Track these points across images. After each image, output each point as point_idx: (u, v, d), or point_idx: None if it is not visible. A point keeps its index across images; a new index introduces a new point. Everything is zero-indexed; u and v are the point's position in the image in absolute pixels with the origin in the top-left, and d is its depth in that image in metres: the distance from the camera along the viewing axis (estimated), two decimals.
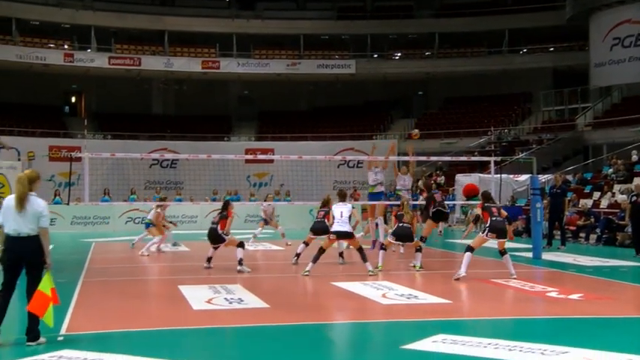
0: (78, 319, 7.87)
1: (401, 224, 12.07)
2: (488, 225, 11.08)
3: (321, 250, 11.68)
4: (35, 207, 6.64)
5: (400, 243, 12.52)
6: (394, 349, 6.53)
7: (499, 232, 11.02)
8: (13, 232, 6.60)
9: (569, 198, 19.39)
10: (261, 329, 7.61)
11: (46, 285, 6.54)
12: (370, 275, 11.26)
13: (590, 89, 34.72)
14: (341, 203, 12.24)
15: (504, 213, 11.31)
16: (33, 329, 6.56)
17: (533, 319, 8.37)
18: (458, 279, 10.75)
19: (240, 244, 12.26)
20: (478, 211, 11.43)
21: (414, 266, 12.31)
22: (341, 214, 11.91)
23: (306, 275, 11.37)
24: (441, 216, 13.85)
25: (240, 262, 12.05)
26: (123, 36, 38.77)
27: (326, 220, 12.68)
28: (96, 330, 7.34)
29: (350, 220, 12.04)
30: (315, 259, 11.57)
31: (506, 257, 11.19)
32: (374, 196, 15.93)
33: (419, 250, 12.34)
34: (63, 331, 7.15)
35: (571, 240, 18.95)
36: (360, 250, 11.77)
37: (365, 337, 7.33)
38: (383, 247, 12.53)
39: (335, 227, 11.93)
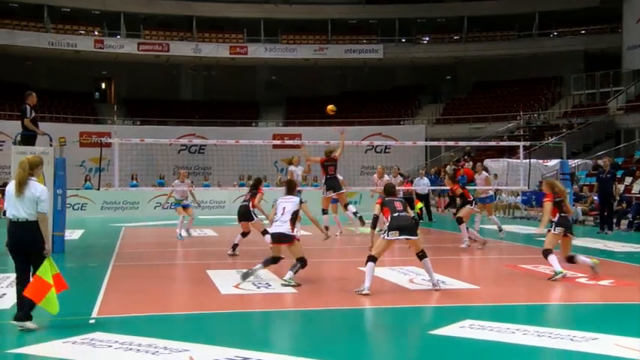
0: (109, 302, 8.00)
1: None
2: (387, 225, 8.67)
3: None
4: (33, 192, 6.53)
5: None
6: (422, 334, 6.53)
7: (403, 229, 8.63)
8: (12, 216, 6.56)
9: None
10: (289, 314, 7.66)
11: (45, 271, 6.45)
12: (284, 284, 9.03)
13: (623, 72, 34.07)
14: (287, 196, 9.70)
15: (411, 212, 9.26)
16: (22, 309, 6.51)
17: (562, 305, 8.30)
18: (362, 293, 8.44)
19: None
20: (376, 210, 9.00)
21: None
22: (283, 210, 9.41)
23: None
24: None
25: None
26: (152, 22, 39.02)
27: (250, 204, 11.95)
28: (126, 313, 7.46)
29: (293, 217, 9.42)
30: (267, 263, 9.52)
31: (425, 261, 8.77)
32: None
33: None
34: (94, 314, 7.28)
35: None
36: (300, 260, 9.29)
37: (393, 322, 7.34)
38: (548, 252, 9.65)
39: (273, 228, 9.46)
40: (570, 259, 9.68)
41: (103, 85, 42.43)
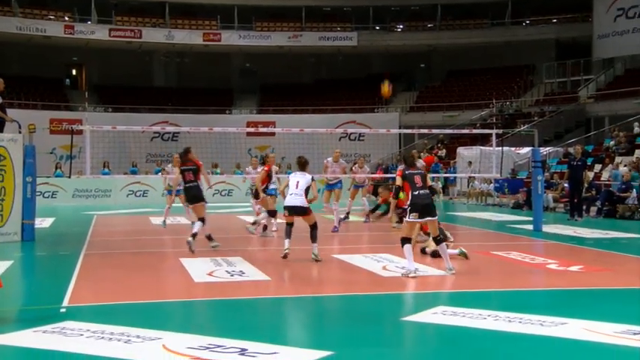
0: (80, 291, 7.91)
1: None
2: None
3: (290, 225, 10.27)
4: None
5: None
6: (395, 320, 6.58)
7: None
8: None
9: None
10: (262, 301, 7.66)
11: None
12: (315, 260, 9.89)
13: (593, 61, 34.51)
14: (299, 172, 10.35)
15: (430, 182, 9.17)
16: None
17: (532, 290, 8.42)
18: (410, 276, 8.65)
19: (273, 212, 13.06)
20: (399, 181, 8.93)
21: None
22: (297, 185, 10.11)
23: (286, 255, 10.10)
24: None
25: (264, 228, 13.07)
26: (123, 8, 38.49)
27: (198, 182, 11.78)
28: (98, 302, 7.39)
29: (307, 193, 10.18)
30: (288, 234, 10.19)
31: (441, 246, 8.92)
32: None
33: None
34: (65, 302, 7.20)
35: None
36: (314, 227, 10.10)
37: (365, 309, 7.37)
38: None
39: (288, 201, 10.12)
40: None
41: (74, 72, 41.79)
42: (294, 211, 10.09)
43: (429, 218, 8.70)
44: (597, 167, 22.76)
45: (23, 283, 9.29)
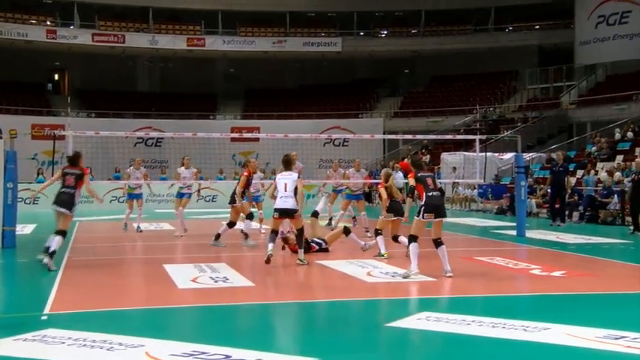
0: (62, 298, 7.83)
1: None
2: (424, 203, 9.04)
3: (274, 232, 10.39)
4: None
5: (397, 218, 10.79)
6: (379, 326, 6.57)
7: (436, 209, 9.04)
8: None
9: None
10: (246, 307, 7.63)
11: None
12: (301, 264, 10.09)
13: (575, 67, 34.84)
14: (285, 172, 10.30)
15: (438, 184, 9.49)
16: None
17: (516, 296, 8.45)
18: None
19: (250, 216, 12.72)
20: (412, 182, 9.22)
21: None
22: (285, 187, 10.05)
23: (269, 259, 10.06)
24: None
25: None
26: (107, 12, 38.28)
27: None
28: (80, 309, 7.31)
29: (295, 193, 10.14)
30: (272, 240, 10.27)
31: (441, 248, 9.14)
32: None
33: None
34: (47, 310, 7.11)
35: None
36: (301, 232, 10.26)
37: (350, 314, 7.37)
38: (378, 232, 10.93)
39: (278, 203, 10.11)
40: (395, 239, 10.87)
41: (57, 76, 41.51)
42: (284, 213, 10.12)
43: (442, 217, 9.04)
44: (580, 173, 22.94)
45: (3, 290, 9.18)
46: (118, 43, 36.77)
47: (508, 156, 26.07)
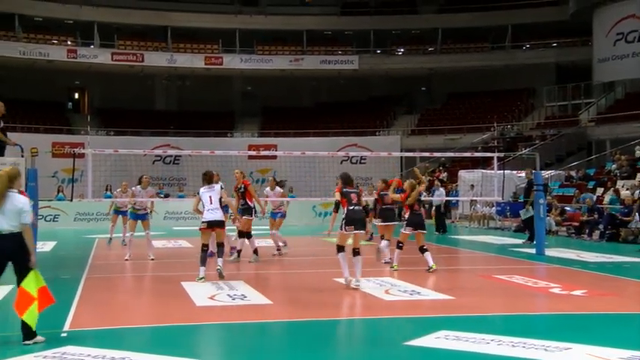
0: (81, 315, 7.88)
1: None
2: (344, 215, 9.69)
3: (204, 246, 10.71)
4: (15, 203, 6.45)
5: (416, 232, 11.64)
6: (397, 345, 6.53)
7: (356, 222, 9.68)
8: None
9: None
10: (264, 325, 7.62)
11: (30, 283, 6.31)
12: (220, 274, 10.39)
13: (594, 85, 34.65)
14: (207, 187, 10.75)
15: (363, 202, 10.08)
16: (24, 327, 6.38)
17: (536, 315, 8.36)
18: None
19: (242, 234, 12.91)
20: (338, 196, 9.79)
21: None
22: (210, 200, 10.56)
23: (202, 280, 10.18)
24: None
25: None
26: (126, 32, 38.78)
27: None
28: (99, 326, 7.35)
29: (221, 204, 10.73)
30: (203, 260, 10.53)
31: (357, 258, 9.71)
32: None
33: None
34: (66, 327, 7.16)
35: (574, 236, 18.95)
36: (221, 244, 10.77)
37: (368, 333, 7.33)
38: (399, 246, 11.68)
39: (207, 216, 10.52)
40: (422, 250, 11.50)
41: (77, 95, 42.01)
42: (213, 224, 10.53)
43: (360, 231, 9.68)
44: (599, 190, 22.73)
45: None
46: (136, 62, 37.20)
47: None
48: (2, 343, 6.41)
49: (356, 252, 9.70)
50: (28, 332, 6.41)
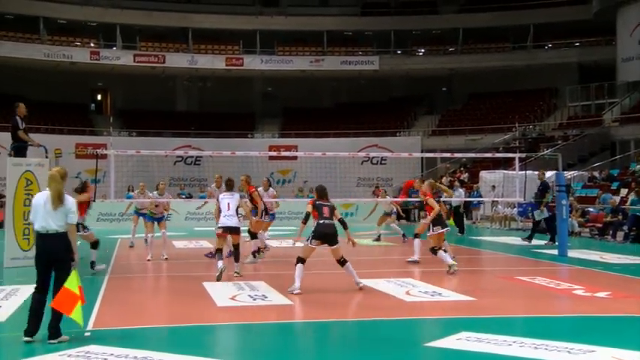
0: (104, 315, 7.96)
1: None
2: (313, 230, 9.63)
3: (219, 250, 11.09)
4: (65, 203, 6.60)
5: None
6: (418, 346, 6.51)
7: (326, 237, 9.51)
8: (41, 228, 6.54)
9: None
10: (285, 326, 7.64)
11: (73, 282, 6.46)
12: (235, 276, 10.82)
13: (617, 84, 34.23)
14: (227, 193, 11.14)
15: (339, 214, 9.83)
16: (54, 326, 6.50)
17: (559, 317, 8.28)
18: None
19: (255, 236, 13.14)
20: (309, 208, 9.74)
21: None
22: (228, 206, 10.93)
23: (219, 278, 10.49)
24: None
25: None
26: (148, 34, 39.08)
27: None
28: (122, 326, 7.42)
29: (237, 212, 11.09)
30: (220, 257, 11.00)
31: (346, 266, 9.70)
32: None
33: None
34: (90, 326, 7.23)
35: (597, 237, 18.75)
36: (237, 247, 11.10)
37: (389, 334, 7.31)
38: (435, 249, 11.61)
39: (223, 221, 10.94)
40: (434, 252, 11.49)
41: (99, 97, 42.42)
42: (228, 230, 10.89)
43: (330, 245, 9.50)
44: (623, 191, 22.47)
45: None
46: (158, 63, 37.48)
47: (549, 174, 25.68)
48: (28, 342, 6.48)
49: (341, 262, 9.61)
50: (56, 331, 6.49)
